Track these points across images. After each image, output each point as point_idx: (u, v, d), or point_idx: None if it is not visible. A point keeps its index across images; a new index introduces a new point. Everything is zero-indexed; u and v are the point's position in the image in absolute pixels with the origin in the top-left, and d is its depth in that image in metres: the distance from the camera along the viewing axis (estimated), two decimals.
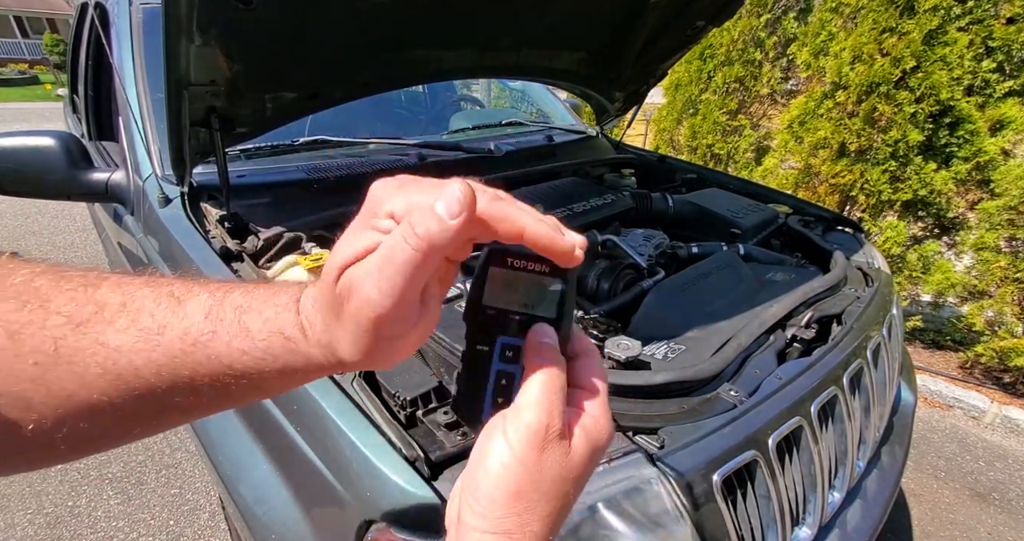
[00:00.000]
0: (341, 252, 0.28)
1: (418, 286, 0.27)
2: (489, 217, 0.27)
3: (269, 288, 0.32)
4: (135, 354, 0.29)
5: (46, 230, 4.48)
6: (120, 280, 0.31)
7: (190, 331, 0.30)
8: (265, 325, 0.30)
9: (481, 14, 1.40)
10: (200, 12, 0.88)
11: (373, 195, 0.29)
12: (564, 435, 0.30)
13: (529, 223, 0.28)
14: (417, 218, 0.25)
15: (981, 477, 2.22)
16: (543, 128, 2.30)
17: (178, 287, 0.32)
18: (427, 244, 0.25)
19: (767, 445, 0.83)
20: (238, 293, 0.32)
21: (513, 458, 0.28)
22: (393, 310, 0.26)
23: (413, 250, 0.25)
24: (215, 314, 0.30)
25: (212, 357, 0.29)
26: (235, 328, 0.30)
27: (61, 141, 1.36)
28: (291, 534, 0.81)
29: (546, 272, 0.31)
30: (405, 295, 0.26)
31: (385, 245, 0.26)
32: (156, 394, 0.29)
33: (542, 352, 0.31)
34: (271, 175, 1.44)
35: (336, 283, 0.27)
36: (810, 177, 3.26)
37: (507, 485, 0.28)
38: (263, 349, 0.30)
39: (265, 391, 0.32)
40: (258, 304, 0.31)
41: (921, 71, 2.62)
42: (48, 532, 1.73)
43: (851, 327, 1.12)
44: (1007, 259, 2.58)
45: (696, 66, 4.22)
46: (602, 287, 1.23)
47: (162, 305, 0.30)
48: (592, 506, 0.67)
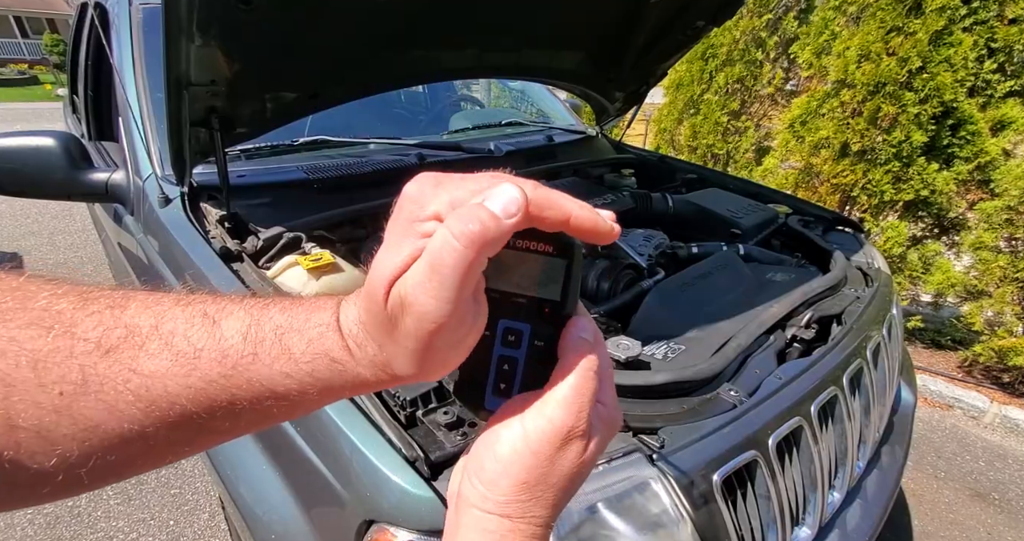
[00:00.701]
0: (385, 265, 0.26)
1: (471, 286, 0.25)
2: (537, 207, 0.26)
3: (307, 305, 0.30)
4: (170, 380, 0.27)
5: (46, 230, 4.48)
6: (148, 299, 0.30)
7: (229, 354, 0.28)
8: (309, 346, 0.28)
9: (481, 14, 1.40)
10: (200, 12, 0.88)
11: (410, 197, 0.27)
12: (585, 435, 0.29)
13: (574, 208, 0.27)
14: (467, 215, 0.24)
15: (981, 477, 2.22)
16: (543, 128, 2.30)
17: (211, 305, 0.30)
18: (480, 242, 0.23)
19: (767, 445, 0.83)
20: (276, 310, 0.30)
21: (527, 448, 0.28)
22: (452, 317, 0.25)
23: (465, 248, 0.23)
24: (254, 335, 0.29)
25: (253, 380, 0.28)
26: (277, 350, 0.28)
27: (61, 141, 1.36)
28: (291, 534, 0.81)
29: (551, 252, 0.30)
30: (461, 299, 0.25)
31: (431, 248, 0.24)
32: (192, 421, 0.28)
33: (579, 348, 0.30)
34: (271, 175, 1.44)
35: (387, 301, 0.25)
36: (811, 177, 3.26)
37: (516, 473, 0.28)
38: (307, 372, 0.28)
39: (307, 409, 0.31)
40: (299, 323, 0.29)
41: (926, 72, 2.62)
42: (48, 532, 1.73)
43: (851, 327, 1.12)
44: (1006, 259, 2.58)
45: (698, 66, 4.22)
46: (602, 287, 1.23)
47: (196, 326, 0.29)
48: (592, 506, 0.68)
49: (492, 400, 0.31)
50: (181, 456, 0.31)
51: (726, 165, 4.35)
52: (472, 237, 0.23)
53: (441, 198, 0.26)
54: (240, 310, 0.30)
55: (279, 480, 0.86)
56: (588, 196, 1.66)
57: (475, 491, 0.29)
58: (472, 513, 0.29)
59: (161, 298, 0.30)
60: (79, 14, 2.48)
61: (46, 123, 9.29)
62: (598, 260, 1.29)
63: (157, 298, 0.30)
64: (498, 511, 0.28)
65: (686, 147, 4.53)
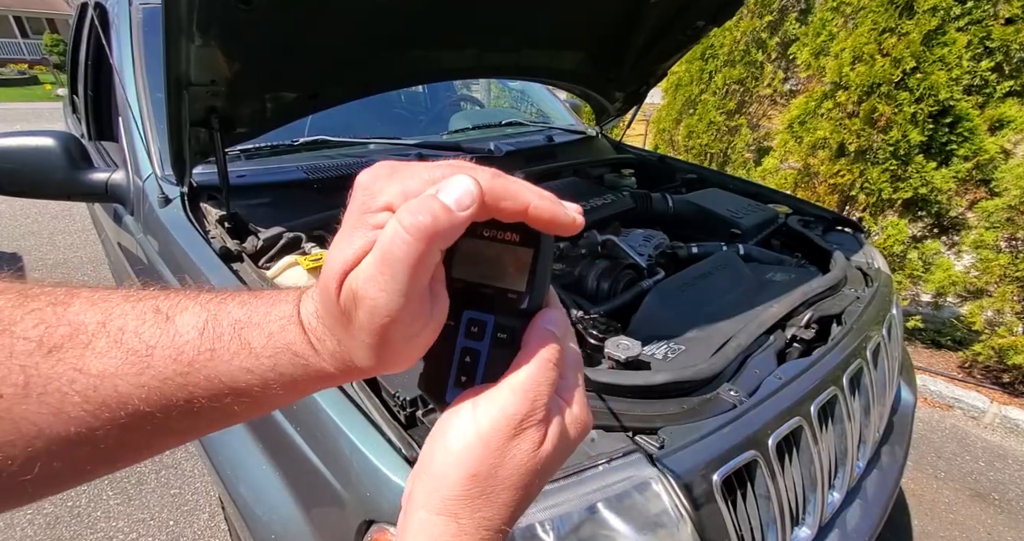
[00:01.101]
0: (337, 258, 0.25)
1: (425, 279, 0.24)
2: (493, 198, 0.25)
3: (267, 299, 0.29)
4: (120, 379, 0.26)
5: (46, 230, 4.48)
6: (94, 296, 0.28)
7: (185, 350, 0.27)
8: (270, 341, 0.28)
9: (481, 14, 1.40)
10: (200, 12, 0.88)
11: (362, 186, 0.26)
12: (541, 426, 0.28)
13: (532, 199, 0.26)
14: (417, 206, 0.23)
15: (981, 477, 2.22)
16: (543, 128, 2.30)
17: (164, 301, 0.28)
18: (430, 233, 0.23)
19: (767, 445, 0.83)
20: (234, 305, 0.29)
21: (477, 438, 0.27)
22: (405, 311, 0.24)
23: (415, 240, 0.23)
24: (211, 330, 0.27)
25: (212, 377, 0.27)
26: (236, 345, 0.27)
27: (61, 141, 1.36)
28: (291, 534, 0.81)
29: (516, 241, 0.29)
30: (413, 292, 0.24)
31: (381, 241, 0.24)
32: (146, 422, 0.26)
33: (542, 338, 0.29)
34: (271, 175, 1.44)
35: (339, 294, 0.25)
36: (809, 177, 3.26)
37: (465, 465, 0.26)
38: (269, 367, 0.27)
39: (271, 406, 0.30)
40: (259, 318, 0.28)
41: (920, 71, 2.63)
42: (48, 532, 1.73)
43: (851, 327, 1.12)
44: (1007, 258, 2.58)
45: (697, 66, 4.22)
46: (602, 287, 1.23)
47: (148, 322, 0.27)
48: (592, 506, 0.68)
49: (453, 392, 0.30)
50: (137, 459, 0.30)
51: (722, 165, 4.35)
52: (423, 229, 0.23)
53: (393, 188, 0.25)
54: (195, 305, 0.28)
55: (279, 480, 0.86)
56: (588, 196, 1.66)
57: (422, 489, 0.27)
58: (419, 515, 0.27)
59: (108, 294, 0.28)
60: (79, 14, 2.48)
61: (46, 123, 9.29)
62: (598, 260, 1.29)
63: (104, 294, 0.28)
64: (445, 511, 0.26)
65: (683, 147, 4.54)
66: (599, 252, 1.38)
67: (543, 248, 0.29)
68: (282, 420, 0.85)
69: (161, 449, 0.30)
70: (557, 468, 0.30)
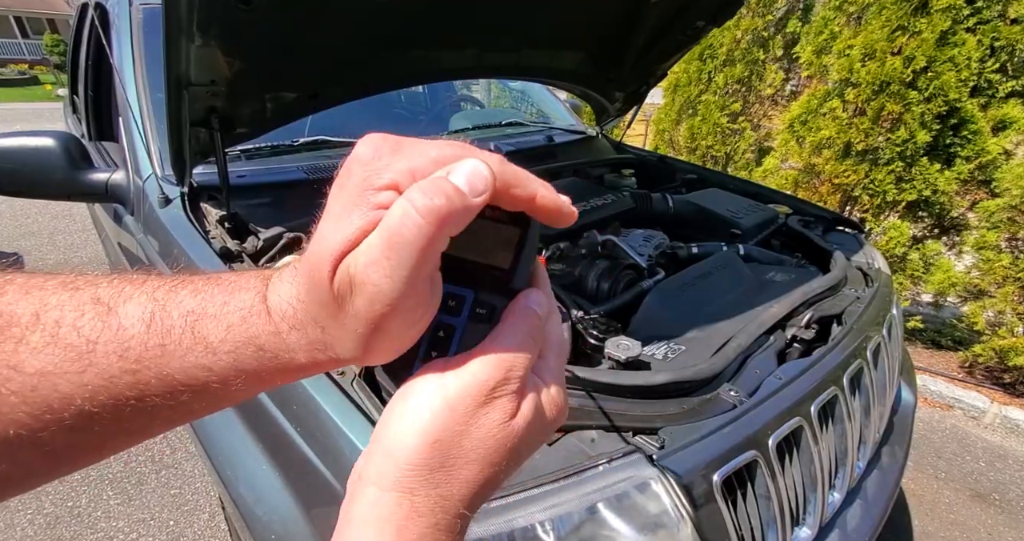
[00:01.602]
0: (331, 239, 0.23)
1: (432, 264, 0.23)
2: (504, 184, 0.24)
3: (224, 285, 0.26)
4: (60, 379, 0.23)
5: (46, 230, 4.48)
6: (28, 283, 0.25)
7: (131, 346, 0.24)
8: (229, 334, 0.25)
9: (481, 14, 1.40)
10: (200, 12, 0.88)
11: (362, 160, 0.23)
12: (514, 397, 0.26)
13: (539, 188, 0.25)
14: (431, 188, 0.21)
15: (981, 477, 2.22)
16: (543, 128, 2.30)
17: (105, 289, 0.26)
18: (444, 216, 0.21)
19: (767, 445, 0.83)
20: (185, 293, 0.26)
21: (443, 402, 0.24)
22: (408, 299, 0.22)
23: (427, 224, 0.21)
24: (160, 323, 0.25)
25: (163, 376, 0.24)
26: (189, 340, 0.24)
27: (61, 141, 1.36)
28: (291, 534, 0.81)
29: (502, 219, 0.28)
30: (418, 279, 0.22)
31: (389, 222, 0.21)
32: (95, 422, 0.24)
33: (523, 313, 0.27)
34: (271, 175, 1.44)
35: (333, 279, 0.22)
36: (811, 177, 3.26)
37: (425, 432, 0.24)
38: (229, 363, 0.25)
39: (234, 401, 0.28)
40: (215, 308, 0.25)
41: (931, 71, 2.62)
42: (48, 532, 1.73)
43: (851, 327, 1.12)
44: (1008, 259, 2.58)
45: (696, 67, 4.21)
46: (602, 287, 1.23)
47: (87, 314, 0.24)
48: (592, 506, 0.67)
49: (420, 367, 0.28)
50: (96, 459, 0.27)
51: (725, 166, 4.35)
52: (436, 212, 0.21)
53: (400, 165, 0.23)
54: (140, 294, 0.26)
55: (279, 480, 0.86)
56: (588, 196, 1.66)
57: (374, 464, 0.25)
58: (368, 493, 0.24)
59: (44, 281, 0.26)
60: (79, 14, 2.48)
61: (46, 123, 9.29)
62: (598, 260, 1.29)
63: (39, 281, 0.26)
64: (399, 486, 0.24)
65: (685, 148, 4.54)
66: (599, 252, 1.38)
67: (531, 227, 0.29)
68: (282, 420, 0.85)
69: (117, 449, 0.28)
70: (530, 451, 0.28)
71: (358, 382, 0.80)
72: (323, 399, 0.78)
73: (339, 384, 0.80)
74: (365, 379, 0.80)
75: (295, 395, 0.83)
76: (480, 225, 0.27)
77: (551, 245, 1.39)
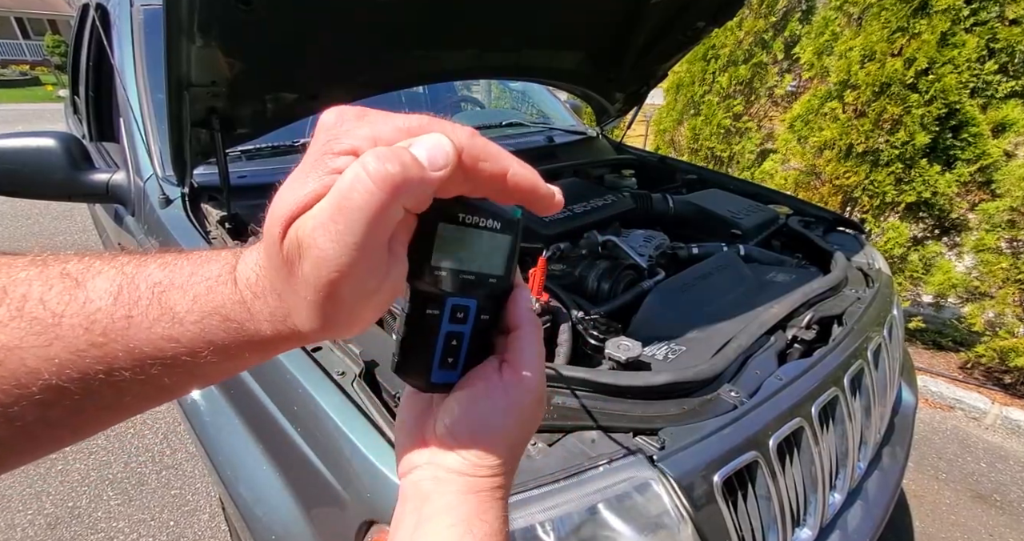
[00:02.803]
0: (285, 200, 0.22)
1: (383, 235, 0.22)
2: (471, 158, 0.24)
3: (193, 258, 0.27)
4: (26, 352, 0.23)
5: (47, 231, 4.49)
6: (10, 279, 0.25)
7: (97, 319, 0.24)
8: (195, 304, 0.25)
9: (481, 14, 1.40)
10: (201, 13, 0.89)
11: (326, 126, 0.24)
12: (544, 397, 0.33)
13: (512, 164, 0.25)
14: (386, 153, 0.21)
15: (982, 478, 2.22)
16: (543, 129, 2.30)
17: (75, 264, 0.25)
18: (397, 183, 0.21)
19: (768, 446, 0.83)
20: (154, 267, 0.26)
21: (519, 413, 0.31)
22: (357, 266, 0.22)
23: (378, 189, 0.20)
24: (127, 295, 0.24)
25: (131, 348, 0.24)
26: (156, 311, 0.24)
27: (62, 142, 1.36)
28: (291, 535, 0.81)
29: (497, 229, 0.30)
30: (369, 246, 0.21)
31: (340, 185, 0.21)
32: (66, 397, 0.24)
33: (532, 318, 0.33)
34: (272, 176, 1.44)
35: (283, 241, 0.22)
36: (812, 177, 3.25)
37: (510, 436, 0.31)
38: (196, 334, 0.25)
39: (210, 377, 0.28)
40: (182, 279, 0.25)
41: (932, 73, 2.61)
42: (49, 533, 1.73)
43: (852, 328, 1.12)
44: (1008, 260, 2.57)
45: (699, 67, 4.21)
46: (602, 288, 1.23)
47: (55, 288, 0.24)
48: (593, 507, 0.67)
49: (439, 374, 0.32)
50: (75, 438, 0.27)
51: (727, 167, 4.35)
52: (389, 179, 0.20)
53: (362, 131, 0.23)
54: (110, 268, 0.26)
55: (279, 480, 0.86)
56: (588, 196, 1.66)
57: (466, 461, 0.30)
58: (465, 481, 0.29)
59: (13, 259, 0.26)
60: (80, 15, 2.48)
61: (47, 124, 9.30)
62: (599, 261, 1.29)
63: (8, 260, 0.26)
64: (491, 472, 0.30)
65: (687, 149, 4.53)
66: (599, 253, 1.38)
67: (519, 233, 0.31)
68: (282, 420, 0.85)
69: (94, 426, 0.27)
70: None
71: (358, 383, 0.80)
72: (323, 400, 0.78)
73: (339, 385, 0.80)
74: (365, 379, 0.80)
75: (295, 396, 0.83)
76: (475, 236, 0.29)
77: (551, 246, 1.39)
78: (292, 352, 0.86)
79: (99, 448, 2.08)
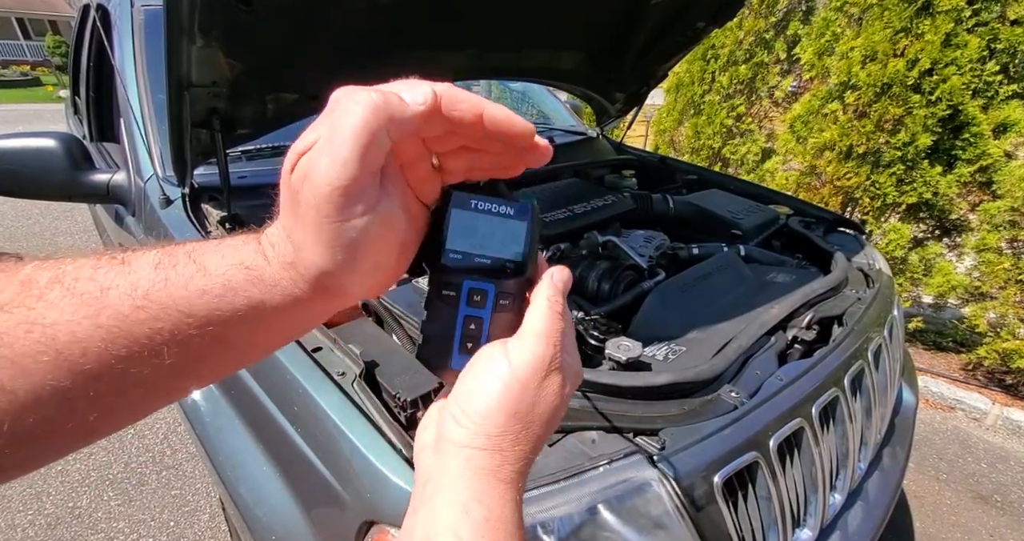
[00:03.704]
0: (297, 143, 0.26)
1: (372, 153, 0.25)
2: (449, 101, 0.27)
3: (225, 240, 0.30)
4: (77, 325, 0.25)
5: (47, 231, 4.49)
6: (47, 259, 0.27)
7: (139, 285, 0.26)
8: (223, 260, 0.28)
9: (481, 14, 1.41)
10: (201, 13, 0.89)
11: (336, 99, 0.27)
12: (561, 369, 0.31)
13: (487, 105, 0.27)
14: (375, 90, 0.25)
15: (983, 479, 2.22)
16: (544, 129, 2.30)
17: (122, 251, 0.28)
18: (382, 109, 0.24)
19: (768, 446, 0.83)
20: (193, 244, 0.30)
21: (515, 379, 0.30)
22: (347, 183, 0.24)
23: (364, 112, 0.24)
24: (166, 262, 0.27)
25: (168, 306, 0.26)
26: (191, 270, 0.27)
27: (63, 142, 1.36)
28: (291, 535, 0.81)
29: (511, 215, 0.31)
30: (357, 162, 0.24)
31: (333, 116, 0.25)
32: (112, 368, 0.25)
33: (554, 292, 0.32)
34: (272, 176, 1.44)
35: (292, 172, 0.26)
36: (812, 178, 3.25)
37: (508, 405, 0.30)
38: (222, 284, 0.27)
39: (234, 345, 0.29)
40: (214, 247, 0.29)
41: (936, 74, 2.61)
42: (49, 533, 1.73)
43: (852, 328, 1.12)
44: (1009, 261, 2.57)
45: (698, 67, 4.21)
46: (603, 288, 1.23)
47: (103, 268, 0.27)
48: (593, 507, 0.67)
49: (458, 359, 0.32)
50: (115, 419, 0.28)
51: (729, 166, 4.34)
52: (372, 103, 0.24)
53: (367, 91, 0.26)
54: (153, 249, 0.29)
55: (279, 481, 0.86)
56: (589, 197, 1.66)
57: (464, 430, 0.30)
58: (463, 453, 0.29)
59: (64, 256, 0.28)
60: (81, 16, 2.49)
61: (48, 124, 9.31)
62: (599, 261, 1.29)
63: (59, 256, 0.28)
64: (491, 445, 0.29)
65: (688, 149, 4.53)
66: (600, 253, 1.38)
67: (535, 217, 0.32)
68: (283, 421, 0.85)
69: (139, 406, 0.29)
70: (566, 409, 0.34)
71: (358, 383, 0.80)
72: (323, 400, 0.78)
73: (339, 385, 0.80)
74: (365, 380, 0.80)
75: (295, 396, 0.83)
76: (488, 222, 0.31)
77: (551, 246, 1.39)
78: (292, 352, 0.86)
79: (99, 449, 2.08)
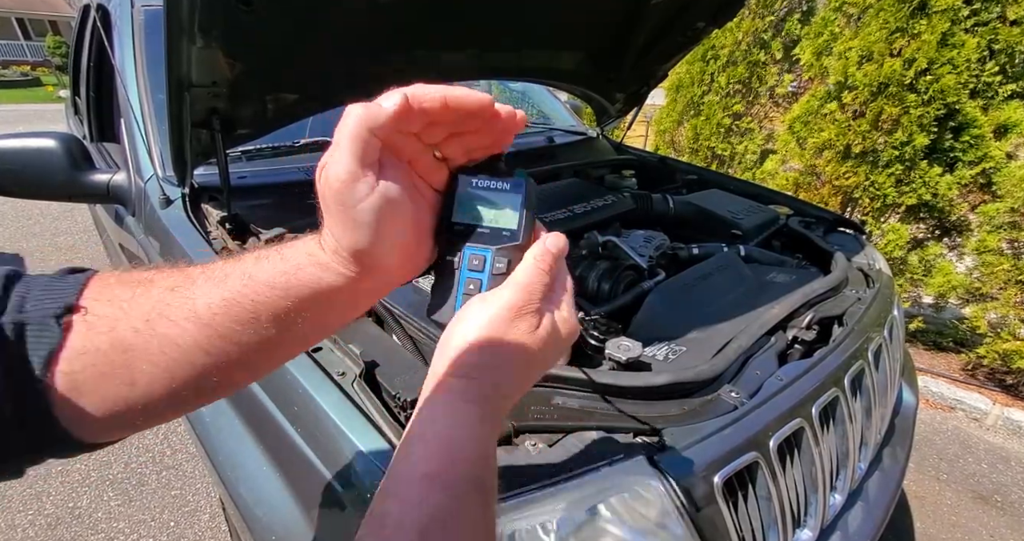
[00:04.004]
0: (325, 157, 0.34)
1: (364, 151, 0.33)
2: (416, 99, 0.32)
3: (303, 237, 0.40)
4: (208, 297, 0.36)
5: (48, 232, 4.49)
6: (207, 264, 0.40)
7: (247, 271, 0.37)
8: (295, 250, 0.38)
9: (481, 14, 1.41)
10: (202, 13, 0.89)
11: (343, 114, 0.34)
12: (536, 315, 0.36)
13: (447, 90, 0.33)
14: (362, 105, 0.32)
15: (983, 479, 2.22)
16: (544, 129, 2.30)
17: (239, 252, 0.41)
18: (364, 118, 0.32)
19: (768, 447, 0.83)
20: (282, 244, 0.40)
21: (486, 316, 0.35)
22: (350, 174, 0.32)
23: (351, 119, 0.32)
24: (263, 255, 0.38)
25: (260, 282, 0.36)
26: (275, 256, 0.38)
27: (63, 142, 1.36)
28: (291, 535, 0.81)
29: (507, 189, 0.37)
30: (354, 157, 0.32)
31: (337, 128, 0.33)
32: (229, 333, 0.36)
33: (538, 252, 0.38)
34: (272, 176, 1.45)
35: (318, 181, 0.35)
36: (812, 178, 3.25)
37: (479, 334, 0.35)
38: (295, 265, 0.37)
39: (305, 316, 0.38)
40: (291, 243, 0.39)
41: (931, 74, 2.61)
42: (49, 533, 1.73)
43: (852, 328, 1.12)
44: (1009, 262, 2.57)
45: (698, 67, 4.21)
46: (603, 288, 1.23)
47: (229, 262, 0.39)
48: (592, 507, 0.67)
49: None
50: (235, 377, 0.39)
51: (728, 167, 4.34)
52: (357, 115, 0.32)
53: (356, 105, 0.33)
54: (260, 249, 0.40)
55: (279, 481, 0.86)
56: (589, 197, 1.66)
57: (444, 361, 0.35)
58: (446, 382, 0.34)
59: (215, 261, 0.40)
60: (81, 16, 2.49)
61: (48, 124, 9.31)
62: (599, 261, 1.29)
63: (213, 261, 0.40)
64: (465, 374, 0.34)
65: (688, 149, 4.53)
66: (600, 253, 1.38)
67: (528, 190, 0.38)
68: (283, 421, 0.85)
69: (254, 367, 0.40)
70: (552, 358, 0.39)
71: (358, 383, 0.80)
72: (323, 400, 0.78)
73: (339, 385, 0.80)
74: (365, 380, 0.80)
75: (295, 396, 0.83)
76: (488, 196, 0.37)
77: None
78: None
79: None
